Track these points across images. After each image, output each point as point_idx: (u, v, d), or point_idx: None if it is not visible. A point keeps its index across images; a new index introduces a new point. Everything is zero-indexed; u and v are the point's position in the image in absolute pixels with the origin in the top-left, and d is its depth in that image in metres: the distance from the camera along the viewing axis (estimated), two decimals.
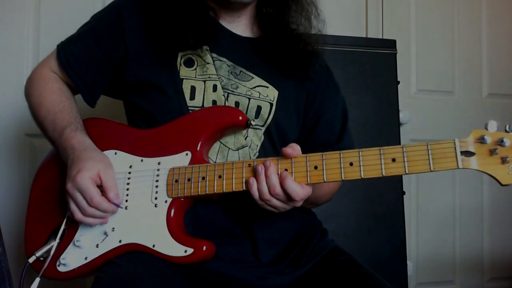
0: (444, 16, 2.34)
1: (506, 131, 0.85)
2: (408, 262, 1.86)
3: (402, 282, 1.82)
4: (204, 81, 1.08)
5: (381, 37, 2.21)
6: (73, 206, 0.98)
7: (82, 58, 1.12)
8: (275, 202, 0.92)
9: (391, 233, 1.82)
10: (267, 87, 1.12)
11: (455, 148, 0.85)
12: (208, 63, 1.08)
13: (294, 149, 0.93)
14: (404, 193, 1.89)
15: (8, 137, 1.80)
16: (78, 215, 0.97)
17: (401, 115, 1.99)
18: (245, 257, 1.04)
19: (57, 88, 1.12)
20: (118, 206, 0.99)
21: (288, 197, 0.91)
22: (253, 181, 0.92)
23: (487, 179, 2.30)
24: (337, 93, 1.24)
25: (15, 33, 1.82)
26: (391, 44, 1.94)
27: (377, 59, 1.89)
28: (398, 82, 1.94)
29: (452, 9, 2.35)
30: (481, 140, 0.85)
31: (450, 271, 2.30)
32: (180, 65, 1.09)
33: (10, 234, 1.59)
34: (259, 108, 1.09)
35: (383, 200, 1.83)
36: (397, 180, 1.87)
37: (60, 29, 1.18)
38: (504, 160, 0.83)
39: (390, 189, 1.85)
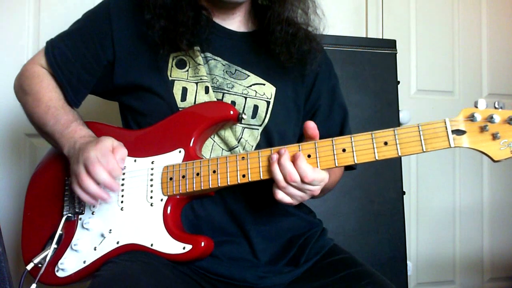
0: (444, 16, 2.34)
1: (495, 107, 0.85)
2: (408, 262, 1.85)
3: (402, 282, 1.81)
4: (196, 83, 1.07)
5: (381, 37, 2.21)
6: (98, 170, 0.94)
7: (68, 56, 1.11)
8: (292, 189, 0.90)
9: (391, 233, 1.82)
10: (264, 85, 1.11)
11: (446, 127, 0.86)
12: (199, 64, 1.07)
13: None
14: (404, 193, 1.88)
15: (8, 137, 1.80)
16: (101, 174, 0.94)
17: (401, 115, 1.98)
18: (243, 256, 1.04)
19: (54, 85, 1.12)
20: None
21: (301, 179, 0.89)
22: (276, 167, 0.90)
23: (487, 178, 2.34)
24: (335, 85, 1.22)
25: (15, 33, 1.82)
26: (391, 44, 1.93)
27: (377, 59, 1.89)
28: (398, 82, 1.94)
29: (452, 9, 2.35)
30: (471, 118, 0.85)
31: (450, 271, 2.30)
32: (172, 66, 1.08)
33: (10, 234, 1.60)
34: (256, 108, 1.09)
35: (383, 200, 1.83)
36: (397, 180, 1.87)
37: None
38: (495, 137, 0.84)
39: (390, 189, 1.85)
